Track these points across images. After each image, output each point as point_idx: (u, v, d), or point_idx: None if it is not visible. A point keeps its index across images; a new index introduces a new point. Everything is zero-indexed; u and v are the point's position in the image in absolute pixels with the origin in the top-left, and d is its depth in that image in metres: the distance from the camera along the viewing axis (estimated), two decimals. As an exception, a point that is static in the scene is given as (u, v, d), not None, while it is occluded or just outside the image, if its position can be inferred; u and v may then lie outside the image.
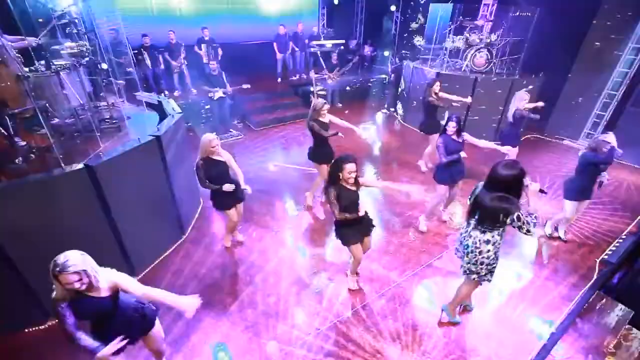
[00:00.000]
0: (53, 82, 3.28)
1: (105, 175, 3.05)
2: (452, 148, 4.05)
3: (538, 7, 6.82)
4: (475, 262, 2.69)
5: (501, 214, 2.46)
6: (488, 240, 2.61)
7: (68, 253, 1.87)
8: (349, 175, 2.77)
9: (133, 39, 7.12)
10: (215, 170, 3.39)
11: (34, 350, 2.96)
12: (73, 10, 3.54)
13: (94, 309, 1.99)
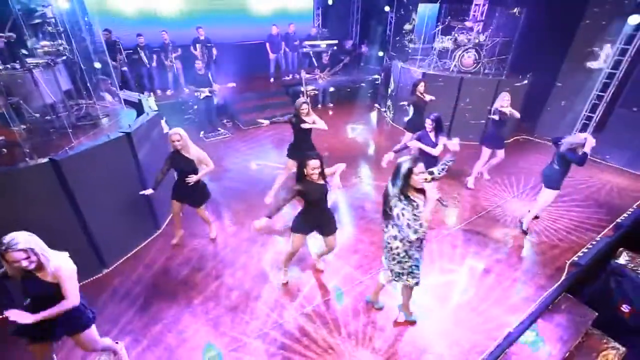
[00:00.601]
0: (27, 79, 3.41)
1: (72, 170, 3.15)
2: (425, 144, 4.12)
3: (526, 7, 6.78)
4: (391, 259, 2.71)
5: (386, 206, 2.52)
6: (395, 235, 2.59)
7: (15, 233, 1.96)
8: (312, 171, 2.84)
9: (128, 39, 7.32)
10: (180, 165, 3.49)
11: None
12: (48, 10, 3.67)
13: (38, 290, 2.06)
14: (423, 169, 2.36)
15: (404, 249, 2.61)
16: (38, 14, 3.70)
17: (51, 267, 2.02)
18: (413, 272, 2.71)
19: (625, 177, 6.02)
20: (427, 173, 2.46)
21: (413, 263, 2.67)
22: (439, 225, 4.64)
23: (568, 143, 4.03)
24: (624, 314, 3.98)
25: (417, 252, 2.64)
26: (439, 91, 7.03)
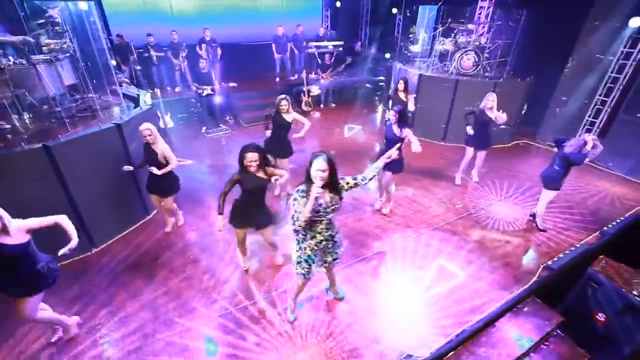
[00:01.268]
0: (31, 73, 3.79)
1: (64, 155, 3.49)
2: (387, 135, 4.23)
3: (528, 10, 6.68)
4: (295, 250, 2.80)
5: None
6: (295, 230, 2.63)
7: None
8: (249, 163, 3.00)
9: (139, 38, 7.79)
10: (149, 157, 3.77)
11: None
12: (54, 12, 4.06)
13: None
14: (322, 166, 2.35)
15: (296, 238, 2.71)
16: (47, 15, 4.10)
17: (15, 225, 2.31)
18: (301, 264, 2.78)
19: (624, 185, 5.81)
20: (351, 179, 2.59)
21: (301, 254, 2.73)
22: (417, 224, 4.70)
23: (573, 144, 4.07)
24: (599, 322, 3.91)
25: (305, 245, 2.68)
26: (435, 93, 7.07)
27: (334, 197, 2.53)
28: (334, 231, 2.78)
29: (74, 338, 3.04)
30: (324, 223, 2.60)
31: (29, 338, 3.07)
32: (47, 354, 2.92)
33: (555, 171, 4.26)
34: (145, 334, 3.11)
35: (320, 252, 2.80)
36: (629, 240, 4.66)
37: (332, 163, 2.39)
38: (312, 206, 2.39)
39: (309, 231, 2.63)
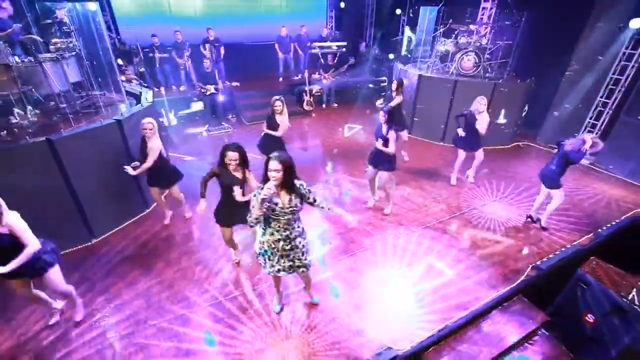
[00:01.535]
0: (38, 71, 3.98)
1: (66, 149, 3.66)
2: (377, 134, 4.37)
3: (529, 11, 6.66)
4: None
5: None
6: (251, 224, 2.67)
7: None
8: (228, 161, 3.05)
9: (143, 38, 8.01)
10: (142, 150, 3.92)
11: None
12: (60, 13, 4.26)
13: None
14: (275, 167, 2.39)
15: (261, 228, 2.76)
16: (54, 16, 4.29)
17: (7, 220, 2.43)
18: (260, 256, 2.85)
19: (623, 188, 5.75)
20: (312, 196, 2.64)
21: (260, 247, 2.80)
22: (409, 223, 4.75)
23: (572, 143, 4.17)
24: (588, 323, 3.91)
25: (264, 239, 2.73)
26: (434, 93, 7.10)
27: (293, 199, 2.54)
28: (294, 234, 2.71)
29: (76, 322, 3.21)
30: (282, 222, 2.61)
31: (29, 321, 3.24)
32: (45, 335, 3.08)
33: (551, 170, 4.32)
34: (138, 320, 3.25)
35: (279, 253, 2.76)
36: (623, 242, 4.63)
37: (286, 164, 2.41)
38: (262, 203, 2.44)
39: (268, 227, 2.67)
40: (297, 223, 2.75)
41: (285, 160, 2.42)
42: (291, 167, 2.46)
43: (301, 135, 7.86)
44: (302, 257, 2.86)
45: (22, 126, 3.90)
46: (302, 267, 2.91)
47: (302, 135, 7.90)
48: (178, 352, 2.96)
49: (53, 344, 3.02)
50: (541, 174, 4.48)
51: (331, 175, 6.04)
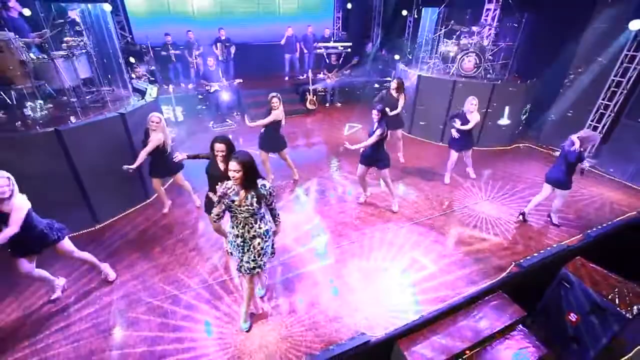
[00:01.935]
0: (51, 67, 4.30)
1: (73, 139, 3.95)
2: (370, 132, 4.48)
3: (531, 13, 6.65)
4: None
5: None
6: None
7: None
8: (216, 152, 3.18)
9: (156, 37, 8.37)
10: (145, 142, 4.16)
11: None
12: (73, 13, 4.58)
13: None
14: (233, 167, 2.48)
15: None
16: (67, 16, 4.62)
17: (14, 201, 2.69)
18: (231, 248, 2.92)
19: (622, 191, 5.69)
20: (274, 206, 2.80)
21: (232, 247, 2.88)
22: (399, 218, 4.86)
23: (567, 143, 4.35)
24: (571, 322, 3.95)
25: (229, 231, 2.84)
26: (434, 94, 7.16)
27: (249, 198, 2.60)
28: (251, 234, 2.73)
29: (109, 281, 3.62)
30: (239, 219, 2.69)
31: (35, 296, 3.52)
32: (47, 308, 3.36)
33: (561, 171, 4.39)
34: (132, 298, 3.49)
35: (237, 248, 2.82)
36: (611, 244, 4.62)
37: (245, 165, 2.49)
38: (220, 200, 2.53)
39: (231, 221, 2.77)
40: (260, 224, 2.74)
41: (244, 160, 2.48)
42: (251, 167, 2.52)
43: (302, 133, 8.04)
44: (258, 258, 2.82)
45: (35, 118, 4.21)
46: (254, 269, 2.85)
47: (303, 133, 8.08)
48: (166, 328, 3.19)
49: (53, 316, 3.29)
50: (549, 176, 4.52)
51: (326, 172, 6.20)
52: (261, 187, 2.64)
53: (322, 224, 4.72)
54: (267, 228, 2.84)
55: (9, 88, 4.06)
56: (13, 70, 3.97)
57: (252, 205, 2.62)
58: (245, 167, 2.49)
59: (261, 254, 2.83)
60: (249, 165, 2.51)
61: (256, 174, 2.61)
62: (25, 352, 2.97)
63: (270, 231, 2.89)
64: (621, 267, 4.08)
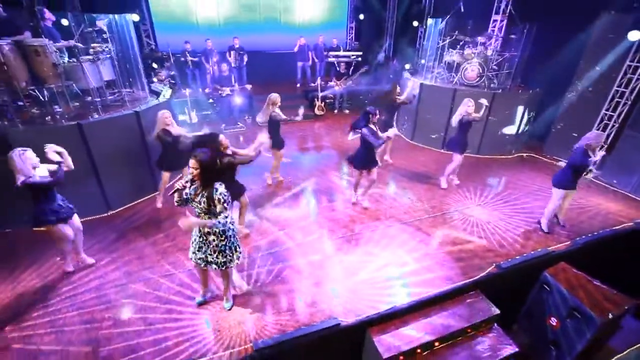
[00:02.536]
0: (78, 69, 4.87)
1: (92, 132, 4.47)
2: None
3: (536, 23, 6.73)
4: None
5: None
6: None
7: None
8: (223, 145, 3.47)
9: (175, 44, 9.04)
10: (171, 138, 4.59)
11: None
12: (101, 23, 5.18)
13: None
14: (192, 164, 2.71)
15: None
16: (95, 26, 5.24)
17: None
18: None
19: (622, 202, 5.61)
20: (227, 212, 2.88)
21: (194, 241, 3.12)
22: (388, 218, 5.05)
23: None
24: (552, 327, 3.99)
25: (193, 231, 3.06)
26: (435, 101, 7.33)
27: (200, 197, 2.79)
28: (206, 230, 2.95)
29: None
30: (196, 214, 2.92)
31: (53, 267, 3.99)
32: (58, 280, 3.81)
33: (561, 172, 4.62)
34: (133, 276, 3.87)
35: (194, 244, 3.08)
36: (602, 253, 4.60)
37: (202, 164, 2.67)
38: (179, 191, 2.83)
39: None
40: (216, 221, 2.85)
41: (201, 160, 2.68)
42: (207, 167, 2.71)
43: (306, 137, 8.39)
44: (214, 254, 3.02)
45: (63, 113, 4.77)
46: (214, 264, 3.07)
47: (307, 137, 8.43)
48: (160, 300, 3.54)
49: (63, 287, 3.73)
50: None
51: (325, 172, 6.48)
52: (214, 190, 2.76)
53: (314, 220, 4.99)
54: (225, 229, 2.94)
55: (42, 87, 4.63)
56: (47, 72, 4.55)
57: (201, 204, 2.80)
58: (201, 165, 2.69)
59: (217, 252, 3.01)
60: (205, 165, 2.70)
61: (213, 176, 2.78)
62: (40, 312, 3.40)
63: (228, 232, 3.01)
64: (612, 276, 4.08)
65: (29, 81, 4.65)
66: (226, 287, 3.44)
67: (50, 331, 3.21)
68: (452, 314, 3.66)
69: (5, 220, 4.50)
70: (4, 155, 3.25)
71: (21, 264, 4.05)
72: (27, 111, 4.69)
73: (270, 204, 5.39)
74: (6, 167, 3.24)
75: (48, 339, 3.13)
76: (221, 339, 3.14)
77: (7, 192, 4.10)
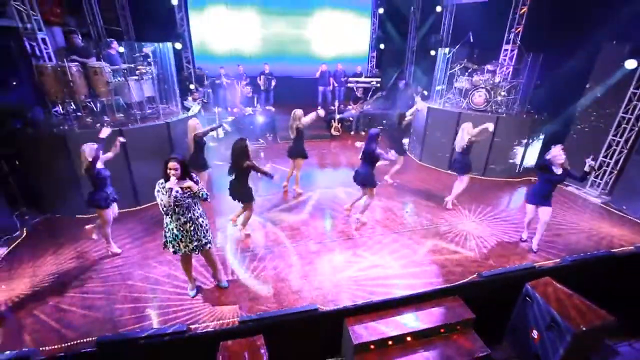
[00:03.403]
0: (125, 86, 5.88)
1: (130, 137, 5.33)
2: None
3: (537, 53, 7.03)
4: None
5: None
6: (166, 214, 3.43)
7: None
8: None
9: (213, 69, 10.24)
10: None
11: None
12: (147, 50, 6.27)
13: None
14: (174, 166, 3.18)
15: (165, 221, 3.51)
16: (142, 52, 6.35)
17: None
18: (171, 243, 3.52)
19: (628, 228, 5.52)
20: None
21: (169, 235, 3.50)
22: (383, 227, 5.38)
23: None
24: (534, 340, 4.06)
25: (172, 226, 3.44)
26: (441, 124, 7.70)
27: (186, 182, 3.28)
28: (196, 215, 3.47)
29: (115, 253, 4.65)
30: (184, 205, 3.35)
31: (90, 248, 4.75)
32: (92, 259, 4.53)
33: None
34: (148, 258, 4.52)
35: (187, 234, 3.46)
36: (593, 274, 4.57)
37: (182, 163, 3.23)
38: (171, 195, 3.20)
39: (174, 214, 3.37)
40: (198, 206, 3.51)
41: (180, 160, 3.26)
42: (185, 165, 3.29)
43: (322, 155, 8.99)
44: (207, 234, 3.59)
45: (110, 121, 5.75)
46: (209, 244, 3.61)
47: (323, 154, 9.03)
48: (167, 277, 4.14)
49: (96, 264, 4.44)
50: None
51: (331, 185, 6.95)
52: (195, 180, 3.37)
53: (313, 225, 5.43)
54: (201, 211, 3.60)
55: (96, 100, 5.66)
56: (101, 88, 5.59)
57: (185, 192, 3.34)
58: (182, 165, 3.25)
59: (208, 229, 3.63)
60: (183, 163, 3.28)
61: (189, 171, 3.36)
62: (76, 284, 4.08)
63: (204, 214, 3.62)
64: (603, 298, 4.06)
65: (87, 95, 5.71)
66: (215, 268, 3.95)
67: (88, 296, 3.90)
68: (427, 314, 3.89)
69: (56, 206, 5.41)
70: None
71: (65, 243, 4.89)
72: (83, 119, 5.71)
73: (276, 209, 5.93)
74: (64, 165, 4.11)
75: (96, 296, 3.81)
76: (213, 313, 3.62)
77: (61, 183, 5.04)
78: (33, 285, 4.01)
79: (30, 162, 5.38)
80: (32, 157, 5.33)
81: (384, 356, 3.53)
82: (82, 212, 5.44)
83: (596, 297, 3.94)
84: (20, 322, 3.49)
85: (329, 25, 12.03)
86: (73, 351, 3.12)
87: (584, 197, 6.71)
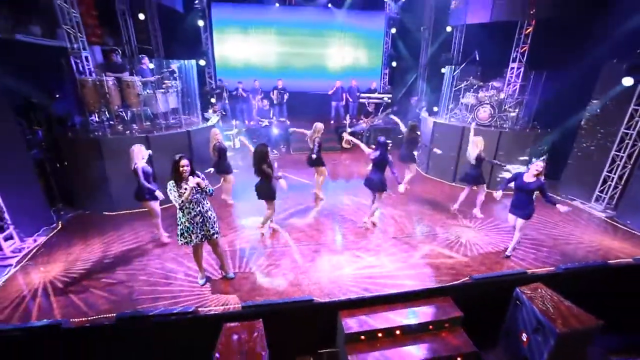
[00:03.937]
0: (153, 98, 6.57)
1: (155, 143, 5.95)
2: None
3: (540, 72, 7.27)
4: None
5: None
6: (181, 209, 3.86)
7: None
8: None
9: (232, 84, 11.00)
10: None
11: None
12: (174, 66, 6.99)
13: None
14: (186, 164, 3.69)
15: (178, 216, 3.90)
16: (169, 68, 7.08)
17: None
18: (183, 234, 3.90)
19: (629, 241, 5.55)
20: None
21: (182, 228, 3.88)
22: (384, 232, 5.66)
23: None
24: (523, 343, 4.19)
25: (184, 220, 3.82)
26: (446, 138, 7.97)
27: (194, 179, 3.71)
28: (205, 208, 3.89)
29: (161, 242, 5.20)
30: (194, 200, 3.76)
31: (115, 241, 5.29)
32: (121, 247, 5.06)
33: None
34: (164, 250, 5.00)
35: (197, 225, 3.87)
36: (588, 283, 4.64)
37: (191, 161, 3.76)
38: (190, 192, 3.65)
39: (186, 208, 3.78)
40: (206, 200, 3.93)
41: (189, 158, 3.77)
42: (192, 161, 3.80)
43: (333, 165, 9.39)
44: (214, 225, 4.00)
45: (138, 129, 6.42)
46: (216, 234, 4.02)
47: (334, 165, 9.43)
48: (183, 267, 4.58)
49: (117, 254, 4.96)
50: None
51: (339, 193, 7.30)
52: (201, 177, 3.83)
53: (319, 229, 5.78)
54: (210, 205, 4.03)
55: (127, 110, 6.36)
56: (132, 99, 6.29)
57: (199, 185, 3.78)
58: (190, 162, 3.78)
59: (215, 221, 4.05)
60: (191, 161, 3.81)
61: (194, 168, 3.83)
62: (101, 270, 4.59)
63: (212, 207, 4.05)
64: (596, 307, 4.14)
65: (120, 105, 6.42)
66: (222, 260, 4.35)
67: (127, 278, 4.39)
68: (417, 311, 4.11)
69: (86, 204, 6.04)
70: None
71: (93, 235, 5.46)
72: (115, 126, 6.41)
73: (285, 213, 6.32)
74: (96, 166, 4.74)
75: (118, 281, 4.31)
76: (219, 299, 4.01)
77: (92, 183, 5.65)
78: (66, 269, 4.55)
79: (69, 163, 6.08)
80: (70, 159, 6.03)
81: (374, 347, 3.77)
82: (108, 210, 6.04)
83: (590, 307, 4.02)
84: (54, 299, 4.00)
85: (344, 45, 12.69)
86: (97, 323, 3.58)
87: (589, 212, 6.73)
